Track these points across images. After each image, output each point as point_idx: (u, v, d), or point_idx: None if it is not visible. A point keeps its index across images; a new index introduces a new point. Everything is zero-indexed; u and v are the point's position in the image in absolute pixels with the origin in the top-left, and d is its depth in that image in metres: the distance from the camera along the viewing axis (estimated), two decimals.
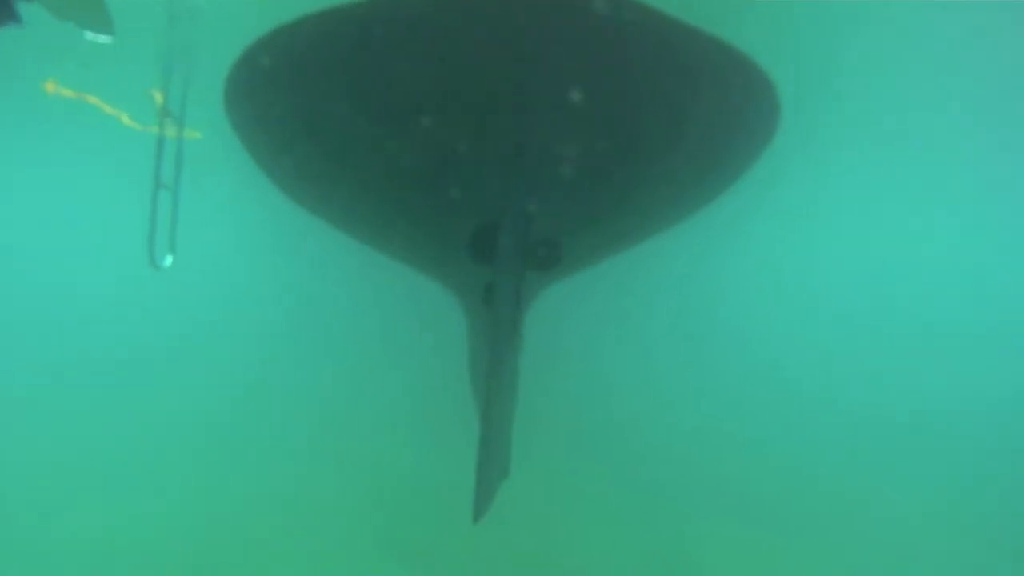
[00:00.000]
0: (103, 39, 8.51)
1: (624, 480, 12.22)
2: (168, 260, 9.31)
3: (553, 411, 15.48)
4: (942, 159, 14.93)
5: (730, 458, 14.35)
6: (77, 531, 9.10)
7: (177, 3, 8.35)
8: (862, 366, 26.31)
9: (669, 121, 5.68)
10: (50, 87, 11.81)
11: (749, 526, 10.73)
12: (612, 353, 24.53)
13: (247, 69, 6.04)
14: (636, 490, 11.77)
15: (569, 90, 5.03)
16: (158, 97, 10.68)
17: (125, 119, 13.17)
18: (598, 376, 20.95)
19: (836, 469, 14.39)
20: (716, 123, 6.09)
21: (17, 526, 9.23)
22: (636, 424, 16.48)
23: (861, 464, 15.02)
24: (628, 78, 5.17)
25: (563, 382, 18.34)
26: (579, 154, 5.50)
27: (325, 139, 5.89)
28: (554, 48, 4.77)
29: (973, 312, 31.42)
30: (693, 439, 15.76)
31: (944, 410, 21.15)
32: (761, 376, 23.10)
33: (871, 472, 14.55)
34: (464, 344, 8.12)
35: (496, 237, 5.43)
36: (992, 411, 21.62)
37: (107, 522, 9.33)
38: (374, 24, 4.97)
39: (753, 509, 11.38)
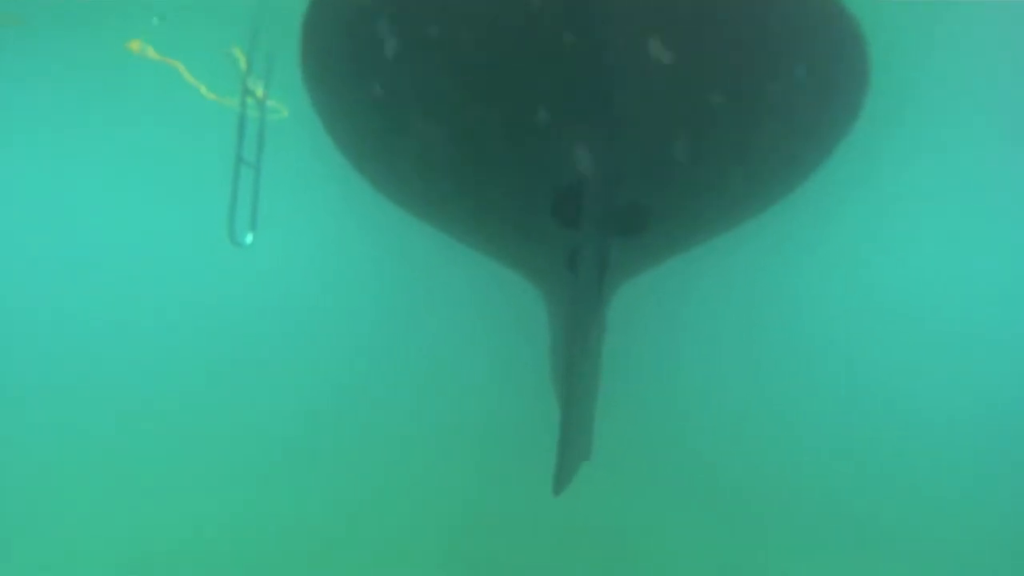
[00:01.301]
0: None
1: (697, 485, 12.08)
2: (249, 238, 9.42)
3: (625, 415, 15.43)
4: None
5: (806, 466, 14.09)
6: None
7: None
8: (954, 373, 25.51)
9: (763, 79, 5.51)
10: (135, 46, 11.42)
11: (822, 534, 10.49)
12: (688, 356, 24.32)
13: (320, 10, 6.06)
14: (710, 496, 11.61)
15: (654, 43, 4.94)
16: (241, 59, 10.75)
17: (204, 90, 13.29)
18: (672, 381, 20.79)
19: (919, 480, 13.97)
20: (812, 82, 5.90)
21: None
22: (710, 427, 16.36)
23: (942, 477, 14.55)
24: (718, 29, 5.05)
25: (634, 388, 18.27)
26: (667, 113, 5.38)
27: (402, 93, 5.86)
28: None
29: None
30: (768, 443, 15.57)
31: None
32: (843, 382, 22.65)
33: (952, 485, 14.07)
34: (544, 336, 8.12)
35: (581, 196, 5.35)
36: None
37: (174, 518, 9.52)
38: None
39: (828, 518, 11.12)
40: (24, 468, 10.68)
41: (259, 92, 10.61)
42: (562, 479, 5.12)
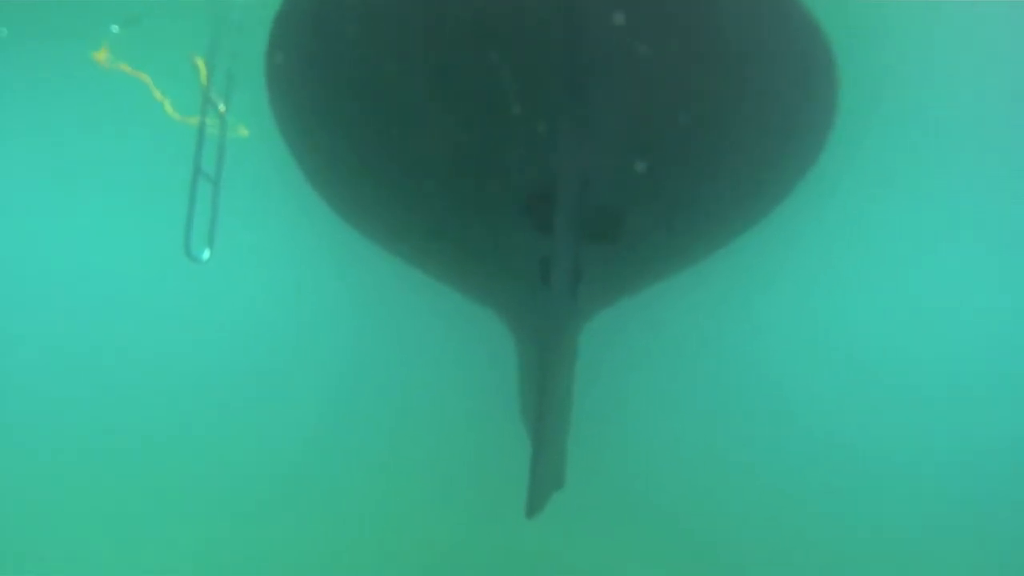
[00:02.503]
0: None
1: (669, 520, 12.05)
2: (206, 254, 9.32)
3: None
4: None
5: (782, 504, 14.08)
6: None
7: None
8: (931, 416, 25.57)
9: (738, 82, 5.47)
10: (101, 57, 11.02)
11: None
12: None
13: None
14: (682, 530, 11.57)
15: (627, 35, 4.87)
16: (201, 67, 10.53)
17: (168, 107, 12.99)
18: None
19: (892, 522, 14.00)
20: (791, 91, 5.88)
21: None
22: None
23: (913, 520, 14.57)
24: (690, 22, 5.01)
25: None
26: (645, 111, 5.30)
27: (362, 97, 5.77)
28: None
29: None
30: (744, 477, 15.55)
31: None
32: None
33: (926, 528, 14.10)
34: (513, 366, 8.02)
35: (553, 197, 5.22)
36: None
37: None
38: None
39: (800, 555, 11.12)
40: None
41: (220, 105, 10.46)
42: (534, 507, 5.03)
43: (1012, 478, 18.59)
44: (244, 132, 13.88)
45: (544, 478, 5.34)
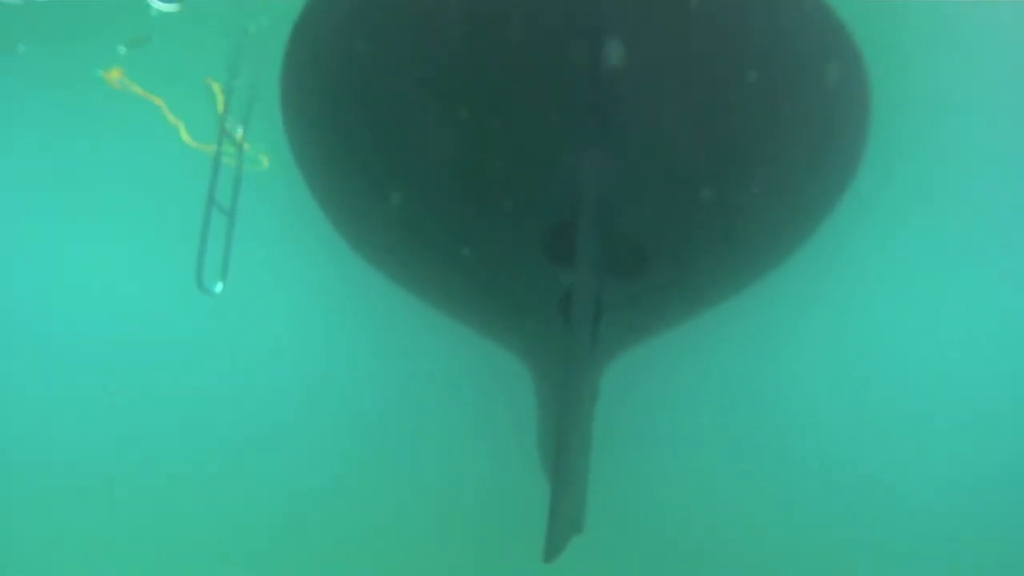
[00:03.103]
0: (167, 6, 8.23)
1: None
2: (219, 287, 9.24)
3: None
4: None
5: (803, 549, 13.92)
6: None
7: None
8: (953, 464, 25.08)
9: (770, 110, 5.33)
10: (114, 78, 10.74)
11: None
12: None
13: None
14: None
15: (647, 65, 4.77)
16: (216, 90, 10.46)
17: (183, 133, 12.90)
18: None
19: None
20: (823, 120, 5.75)
21: None
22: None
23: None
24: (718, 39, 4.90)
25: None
26: (672, 143, 5.18)
27: (379, 123, 5.69)
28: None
29: None
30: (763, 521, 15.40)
31: None
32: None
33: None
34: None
35: (574, 229, 5.08)
36: None
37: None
38: None
39: None
40: None
41: (237, 135, 10.42)
42: (552, 551, 4.87)
43: None
44: (265, 163, 13.85)
45: (562, 522, 5.17)
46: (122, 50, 9.72)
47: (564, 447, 5.21)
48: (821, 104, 5.57)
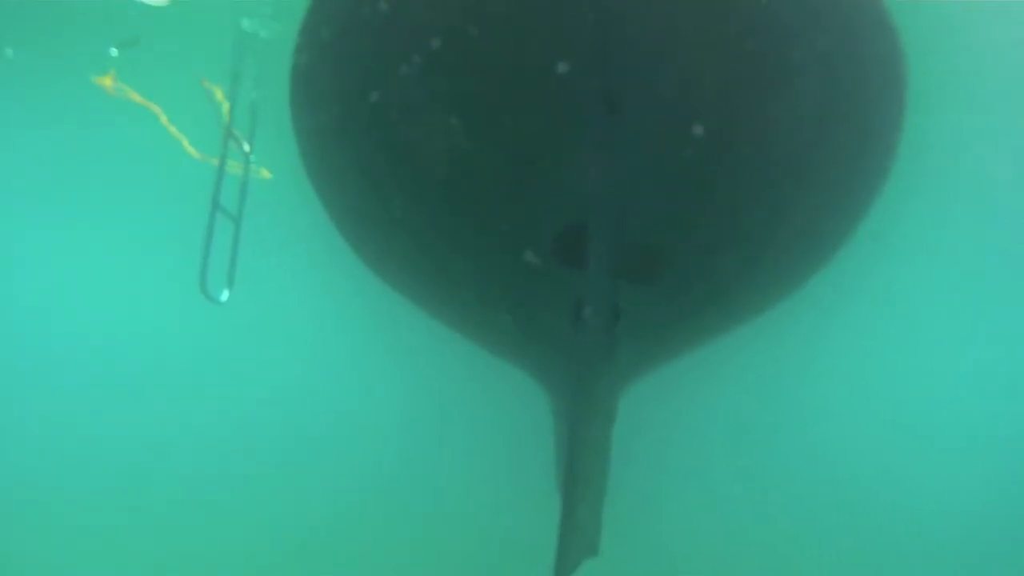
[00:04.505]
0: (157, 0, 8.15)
1: None
2: (225, 295, 9.21)
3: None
4: None
5: None
6: None
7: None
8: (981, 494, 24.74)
9: (807, 97, 5.16)
10: (107, 83, 10.63)
11: None
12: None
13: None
14: None
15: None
16: (216, 93, 10.35)
17: (186, 144, 12.84)
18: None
19: None
20: (866, 106, 5.56)
21: None
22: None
23: None
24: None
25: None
26: (690, 131, 5.02)
27: (377, 119, 5.59)
28: None
29: None
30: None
31: None
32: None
33: None
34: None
35: (586, 229, 4.97)
36: None
37: None
38: None
39: None
40: None
41: (244, 142, 10.37)
42: (563, 573, 4.75)
43: None
44: (266, 174, 13.80)
45: (574, 542, 5.02)
46: (114, 52, 9.65)
47: (576, 463, 5.07)
48: (856, 91, 5.41)
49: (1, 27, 9.46)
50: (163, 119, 11.80)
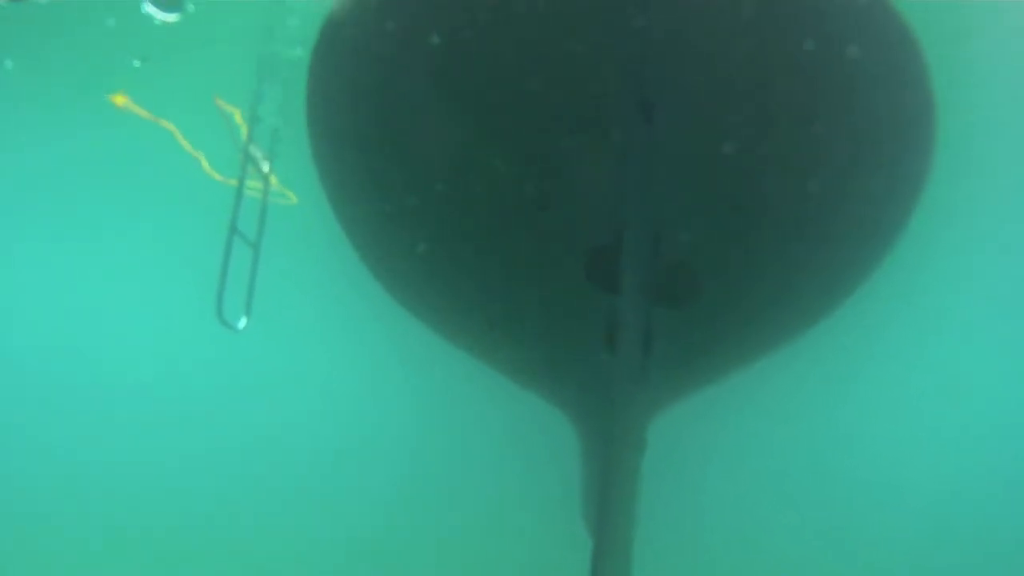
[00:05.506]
0: (168, 16, 8.07)
1: None
2: (242, 322, 9.15)
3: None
4: None
5: None
6: None
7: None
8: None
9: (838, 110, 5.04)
10: (119, 101, 10.60)
11: None
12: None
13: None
14: None
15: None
16: (225, 108, 10.27)
17: (204, 163, 12.74)
18: None
19: None
20: (902, 127, 5.43)
21: None
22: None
23: None
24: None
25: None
26: (721, 149, 4.91)
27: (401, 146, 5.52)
28: None
29: None
30: None
31: None
32: None
33: None
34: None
35: (619, 252, 4.91)
36: None
37: None
38: None
39: None
40: None
41: (264, 164, 10.36)
42: None
43: None
44: (293, 198, 13.75)
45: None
46: (136, 64, 9.62)
47: (609, 492, 4.97)
48: (893, 112, 5.28)
49: (6, 40, 9.45)
50: (180, 138, 11.74)
